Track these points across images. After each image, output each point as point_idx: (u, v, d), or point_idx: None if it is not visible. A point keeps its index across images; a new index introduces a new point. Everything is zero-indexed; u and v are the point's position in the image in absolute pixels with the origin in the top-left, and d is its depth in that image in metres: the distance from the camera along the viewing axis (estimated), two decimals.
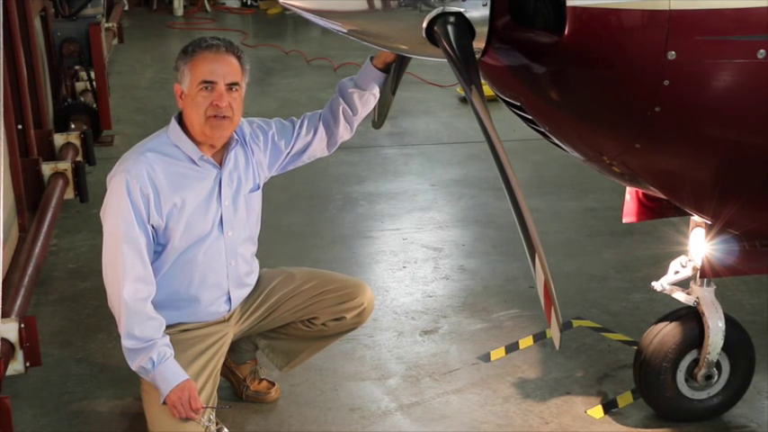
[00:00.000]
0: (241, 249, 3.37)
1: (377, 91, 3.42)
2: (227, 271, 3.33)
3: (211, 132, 3.19)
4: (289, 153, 3.47)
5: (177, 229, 3.21)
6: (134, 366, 3.18)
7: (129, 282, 3.13)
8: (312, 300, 3.51)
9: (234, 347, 3.59)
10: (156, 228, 3.20)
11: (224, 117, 3.16)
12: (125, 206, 3.13)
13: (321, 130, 3.47)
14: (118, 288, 3.14)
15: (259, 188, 3.41)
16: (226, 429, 3.28)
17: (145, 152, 3.21)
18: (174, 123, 3.25)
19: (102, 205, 3.22)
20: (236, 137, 3.31)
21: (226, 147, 3.29)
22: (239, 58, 3.21)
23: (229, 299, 3.38)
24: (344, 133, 3.50)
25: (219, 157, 3.29)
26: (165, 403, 3.15)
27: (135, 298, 3.14)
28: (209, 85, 3.15)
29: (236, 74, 3.18)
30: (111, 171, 3.23)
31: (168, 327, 3.23)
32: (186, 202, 3.21)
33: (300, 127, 3.47)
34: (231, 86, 3.17)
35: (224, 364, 3.54)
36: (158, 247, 3.24)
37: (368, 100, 3.44)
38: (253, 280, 3.49)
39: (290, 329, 3.58)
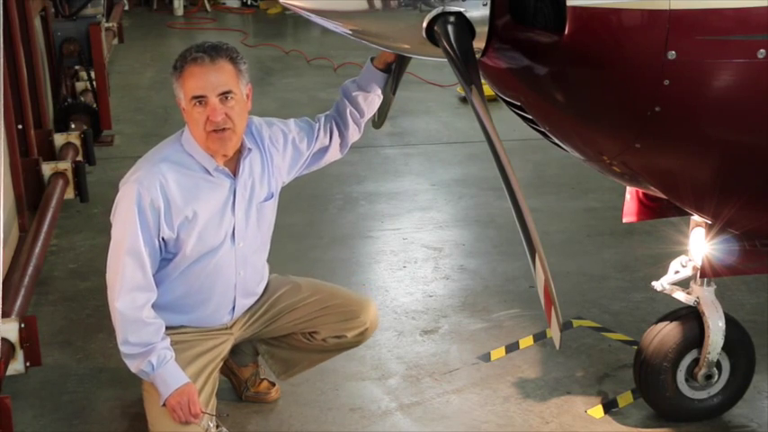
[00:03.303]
0: (251, 259, 3.34)
1: (379, 91, 3.41)
2: (236, 280, 3.31)
3: (215, 146, 3.13)
4: (309, 156, 3.43)
5: (189, 240, 3.18)
6: (133, 369, 3.18)
7: (125, 292, 3.11)
8: (315, 313, 3.48)
9: (235, 349, 3.57)
10: (167, 240, 3.16)
11: (224, 129, 3.09)
12: (132, 218, 3.09)
13: (335, 132, 3.45)
14: (114, 296, 3.12)
15: (273, 196, 3.35)
16: (225, 431, 3.28)
17: (159, 162, 3.15)
18: (187, 132, 3.19)
19: (113, 208, 3.19)
20: (248, 145, 3.24)
21: (239, 155, 3.23)
22: (232, 60, 3.10)
23: (234, 308, 3.37)
24: (354, 134, 3.48)
25: (233, 166, 3.23)
26: (164, 405, 3.14)
27: (131, 307, 3.12)
28: (200, 99, 3.07)
29: (227, 82, 3.07)
30: (125, 176, 3.17)
31: (169, 328, 3.22)
32: (199, 213, 3.17)
33: (319, 129, 3.43)
34: (225, 96, 3.07)
35: (225, 364, 3.54)
36: (169, 254, 3.21)
37: (372, 100, 3.43)
38: (260, 289, 3.46)
39: (291, 340, 3.55)
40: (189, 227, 3.16)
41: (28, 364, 3.54)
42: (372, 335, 3.61)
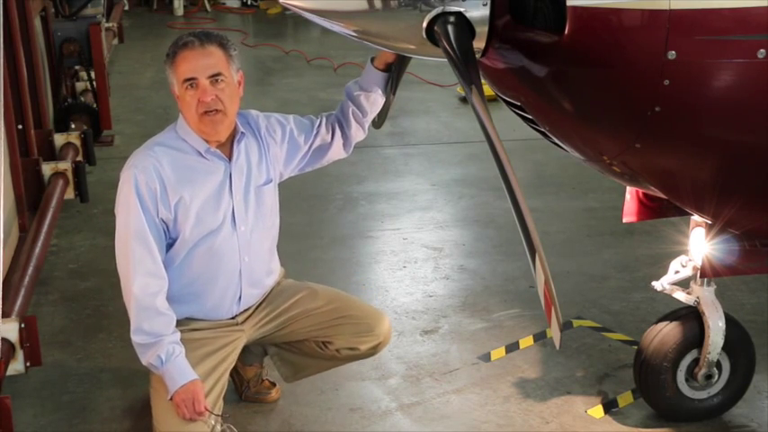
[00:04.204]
0: (255, 245, 3.35)
1: (381, 91, 3.42)
2: (240, 266, 3.32)
3: (207, 129, 3.19)
4: (308, 150, 3.45)
5: (187, 221, 3.21)
6: (143, 361, 3.19)
7: (138, 276, 3.14)
8: (330, 323, 3.48)
9: (243, 348, 3.57)
10: (165, 221, 3.20)
11: (215, 111, 3.15)
12: (132, 201, 3.14)
13: (338, 130, 3.47)
14: (128, 283, 3.16)
15: (272, 182, 3.38)
16: (233, 428, 3.25)
17: (153, 146, 3.23)
18: (181, 119, 3.26)
19: (116, 199, 3.23)
20: (241, 129, 3.29)
21: (233, 140, 3.28)
22: (222, 46, 3.18)
23: (240, 297, 3.36)
24: (358, 133, 3.50)
25: (228, 151, 3.28)
26: (171, 400, 3.14)
27: (145, 293, 3.14)
28: (192, 82, 3.14)
29: (217, 64, 3.15)
30: (123, 167, 3.24)
31: (179, 321, 3.22)
32: (195, 194, 3.21)
33: (320, 125, 3.46)
34: (215, 78, 3.14)
35: None
36: (170, 240, 3.24)
37: (375, 100, 3.44)
38: (269, 281, 3.47)
39: (303, 346, 3.55)
40: (185, 207, 3.20)
41: (28, 364, 3.54)
42: (384, 349, 3.60)
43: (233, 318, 3.39)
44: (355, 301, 3.64)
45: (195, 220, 3.22)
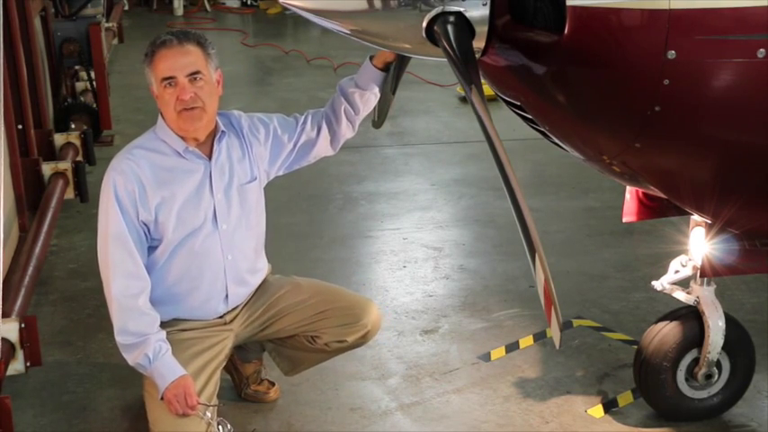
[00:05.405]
0: (239, 243, 3.35)
1: (377, 90, 3.42)
2: (225, 264, 3.32)
3: (185, 125, 3.19)
4: (294, 148, 3.45)
5: (168, 222, 3.21)
6: (130, 362, 3.19)
7: (118, 278, 3.15)
8: (316, 317, 3.47)
9: (241, 345, 3.58)
10: (146, 223, 3.21)
11: (194, 108, 3.17)
12: (111, 205, 3.16)
13: (324, 127, 3.46)
14: (108, 286, 3.17)
15: (256, 179, 3.38)
16: (228, 424, 3.25)
17: (132, 149, 3.25)
18: (160, 120, 3.28)
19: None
20: (222, 128, 3.30)
21: (213, 139, 3.29)
22: (199, 44, 3.19)
23: (227, 296, 3.37)
24: (347, 131, 3.49)
25: (208, 150, 3.29)
26: (163, 399, 3.14)
27: (125, 294, 3.15)
28: (170, 81, 3.15)
29: (195, 63, 3.16)
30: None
31: (166, 323, 3.23)
32: (175, 194, 3.21)
33: (304, 122, 3.46)
34: (193, 76, 3.15)
35: (229, 359, 3.53)
36: (154, 242, 3.25)
37: (369, 99, 3.44)
38: (256, 279, 3.47)
39: (294, 341, 3.55)
40: (166, 208, 3.20)
41: (28, 364, 3.55)
42: (375, 336, 3.60)
43: (221, 317, 3.39)
44: (341, 292, 3.61)
45: (176, 220, 3.22)
